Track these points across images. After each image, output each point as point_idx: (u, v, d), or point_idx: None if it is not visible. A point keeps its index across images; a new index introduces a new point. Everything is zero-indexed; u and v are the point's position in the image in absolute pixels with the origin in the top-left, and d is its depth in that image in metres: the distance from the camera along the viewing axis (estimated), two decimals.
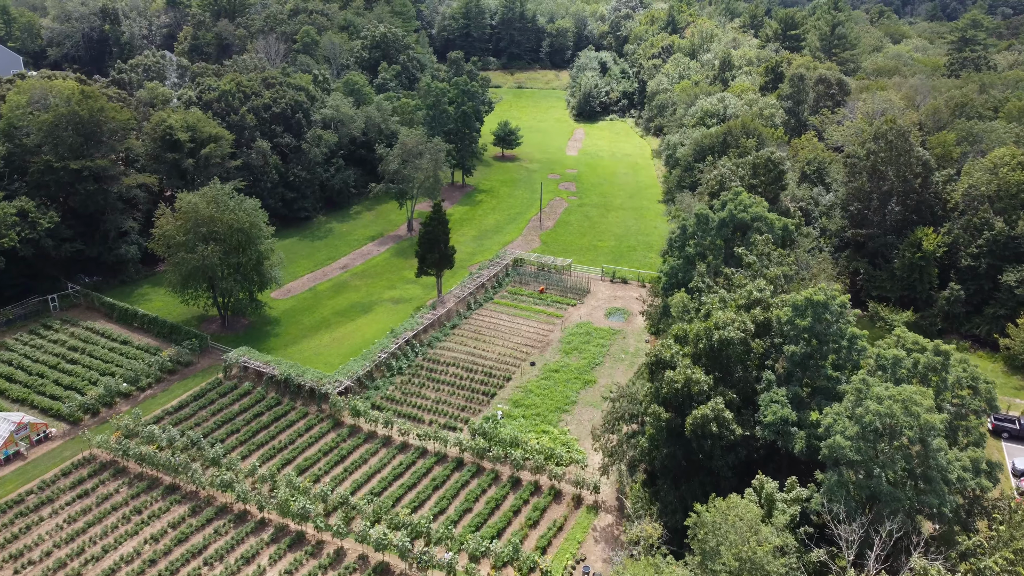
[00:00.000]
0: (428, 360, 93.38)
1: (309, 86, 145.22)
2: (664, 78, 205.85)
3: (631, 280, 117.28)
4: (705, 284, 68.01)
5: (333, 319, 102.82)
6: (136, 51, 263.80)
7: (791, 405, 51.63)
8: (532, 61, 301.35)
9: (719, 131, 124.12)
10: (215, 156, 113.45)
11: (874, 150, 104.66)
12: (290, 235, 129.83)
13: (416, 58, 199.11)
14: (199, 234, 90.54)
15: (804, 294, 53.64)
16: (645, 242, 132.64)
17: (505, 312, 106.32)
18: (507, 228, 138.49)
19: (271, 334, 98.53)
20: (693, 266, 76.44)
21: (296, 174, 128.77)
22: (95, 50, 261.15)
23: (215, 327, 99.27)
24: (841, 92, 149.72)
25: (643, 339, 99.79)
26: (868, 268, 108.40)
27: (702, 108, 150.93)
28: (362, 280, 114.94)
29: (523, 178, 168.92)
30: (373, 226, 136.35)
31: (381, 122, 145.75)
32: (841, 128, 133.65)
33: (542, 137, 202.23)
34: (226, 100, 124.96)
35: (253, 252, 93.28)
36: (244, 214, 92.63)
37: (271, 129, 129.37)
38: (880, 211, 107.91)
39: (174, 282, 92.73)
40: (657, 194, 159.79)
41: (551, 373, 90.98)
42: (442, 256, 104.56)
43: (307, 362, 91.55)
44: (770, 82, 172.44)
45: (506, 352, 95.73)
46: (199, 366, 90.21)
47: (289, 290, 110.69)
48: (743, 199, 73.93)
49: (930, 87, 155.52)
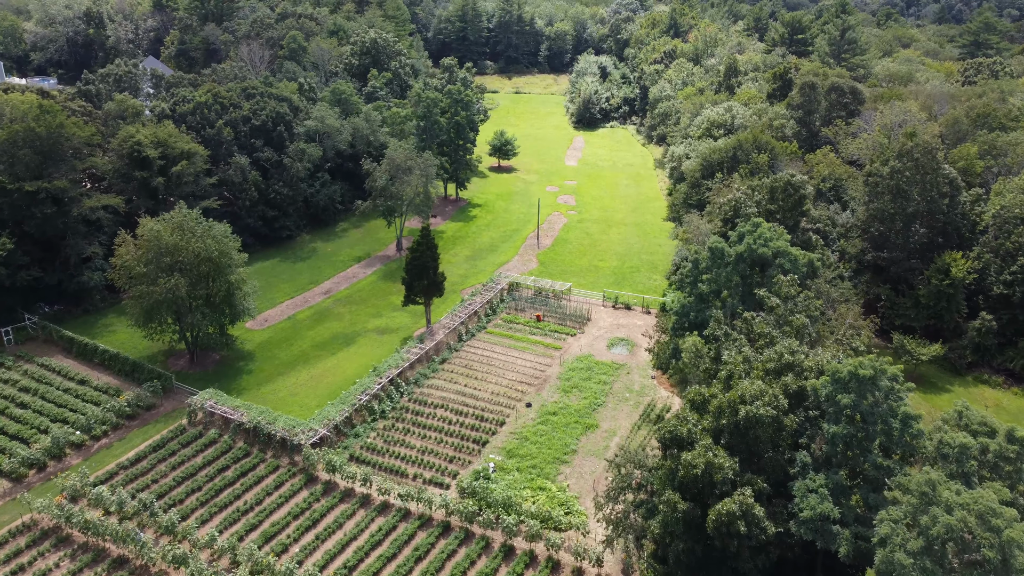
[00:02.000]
0: (414, 401, 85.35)
1: (294, 95, 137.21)
2: (667, 84, 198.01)
3: (635, 306, 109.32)
4: (722, 331, 60.10)
5: (312, 353, 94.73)
6: (122, 55, 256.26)
7: (832, 496, 43.70)
8: (530, 65, 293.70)
9: (728, 145, 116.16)
10: (187, 174, 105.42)
11: (898, 169, 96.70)
12: (271, 256, 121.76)
13: (410, 63, 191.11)
14: (162, 264, 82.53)
15: (848, 366, 45.65)
16: (649, 262, 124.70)
17: (499, 344, 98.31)
18: (502, 247, 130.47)
19: (244, 371, 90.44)
20: (706, 305, 68.52)
21: (277, 191, 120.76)
22: (80, 54, 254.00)
23: (183, 363, 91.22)
24: (855, 101, 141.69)
25: (648, 374, 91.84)
26: (890, 294, 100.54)
27: (708, 118, 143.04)
28: (346, 307, 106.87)
29: (520, 191, 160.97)
30: (360, 245, 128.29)
31: (369, 133, 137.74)
32: (857, 141, 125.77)
33: (540, 146, 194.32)
34: (201, 112, 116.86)
35: (222, 283, 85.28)
36: (212, 241, 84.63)
37: (251, 143, 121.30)
38: (903, 233, 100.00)
39: (136, 316, 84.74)
40: (661, 207, 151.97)
41: (549, 416, 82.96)
42: (431, 283, 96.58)
43: (282, 404, 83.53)
44: (778, 89, 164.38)
45: (500, 391, 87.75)
46: (162, 409, 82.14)
47: (266, 319, 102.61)
48: (763, 231, 65.98)
49: (948, 95, 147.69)
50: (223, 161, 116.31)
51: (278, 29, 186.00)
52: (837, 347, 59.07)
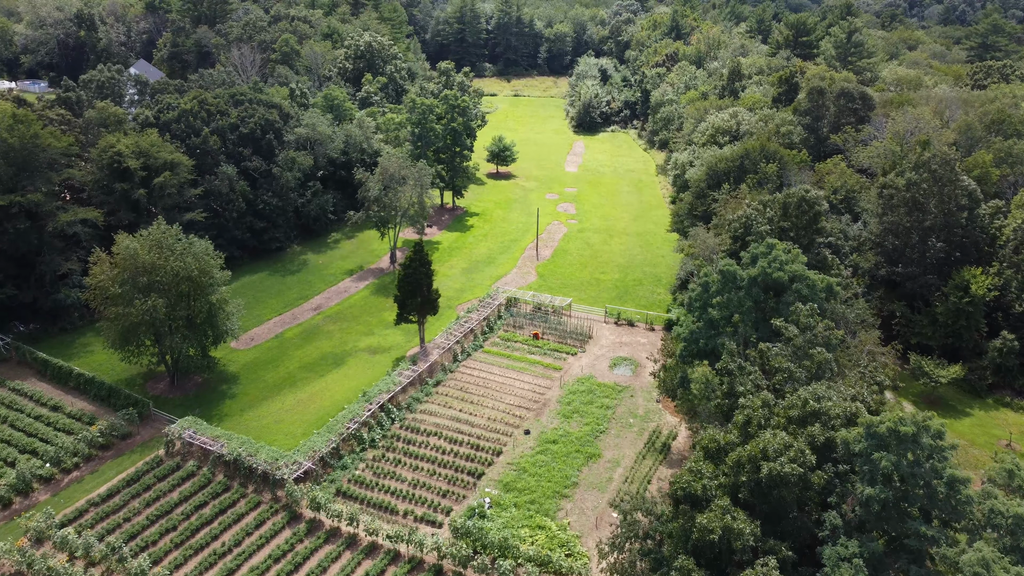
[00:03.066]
0: (406, 428, 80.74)
1: (284, 101, 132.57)
2: (669, 88, 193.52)
3: (638, 322, 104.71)
4: (735, 364, 55.53)
5: (300, 375, 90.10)
6: (114, 58, 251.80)
7: (867, 568, 39.13)
8: (529, 67, 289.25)
9: (735, 153, 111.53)
10: (171, 185, 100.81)
11: (915, 181, 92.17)
12: (259, 269, 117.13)
13: (406, 67, 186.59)
14: (138, 284, 77.93)
15: (887, 421, 41.03)
16: (652, 274, 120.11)
17: (496, 364, 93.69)
18: (500, 258, 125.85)
19: (227, 395, 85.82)
20: (716, 331, 63.97)
21: (266, 201, 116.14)
22: (71, 57, 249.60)
23: (163, 386, 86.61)
24: (865, 107, 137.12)
25: (653, 397, 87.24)
26: (905, 311, 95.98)
27: (713, 124, 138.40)
28: (336, 324, 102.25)
29: (519, 198, 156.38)
30: (352, 257, 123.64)
31: (363, 140, 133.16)
32: (868, 148, 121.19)
33: (539, 151, 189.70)
34: (187, 120, 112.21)
35: (203, 303, 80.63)
36: (192, 259, 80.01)
37: (238, 152, 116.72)
38: (920, 248, 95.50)
39: (111, 339, 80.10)
40: (663, 215, 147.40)
41: (548, 445, 78.34)
42: (425, 301, 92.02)
43: (265, 432, 78.91)
44: (784, 94, 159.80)
45: (496, 416, 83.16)
46: (138, 438, 77.51)
47: (252, 338, 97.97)
48: (778, 254, 61.40)
49: (960, 100, 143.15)
50: (209, 171, 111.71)
51: (271, 32, 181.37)
52: (861, 382, 54.64)
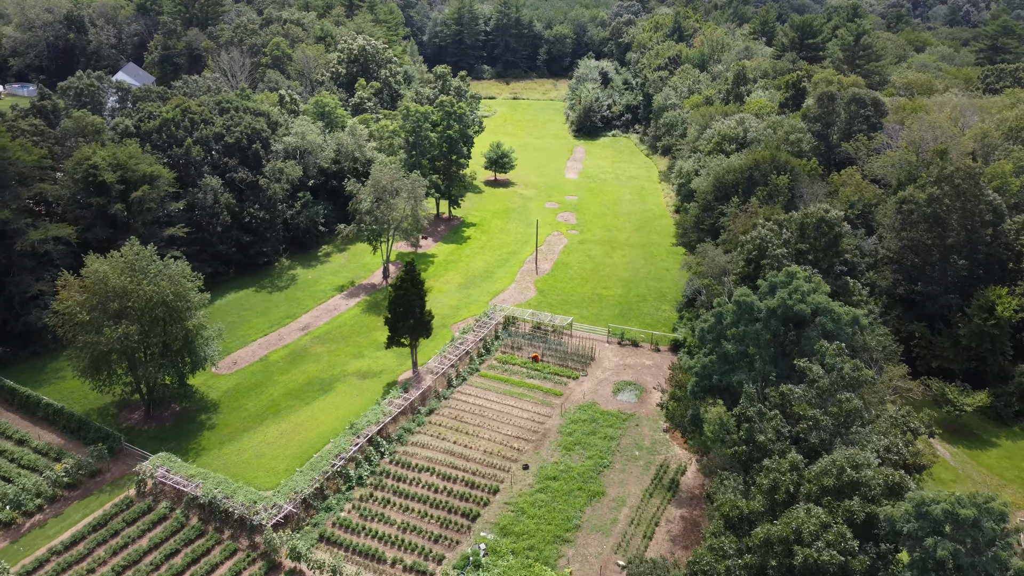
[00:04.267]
0: (396, 463, 75.49)
1: (273, 109, 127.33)
2: (672, 92, 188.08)
3: (643, 342, 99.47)
4: (755, 409, 50.31)
5: (284, 403, 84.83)
6: (104, 61, 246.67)
7: None
8: (529, 69, 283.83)
9: (744, 164, 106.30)
10: (150, 199, 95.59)
11: (937, 195, 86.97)
12: (245, 285, 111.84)
13: (401, 71, 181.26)
14: (109, 310, 72.67)
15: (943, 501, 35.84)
16: (656, 289, 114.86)
17: (493, 390, 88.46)
18: (498, 272, 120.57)
19: (206, 425, 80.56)
20: (731, 366, 58.76)
21: (253, 214, 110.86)
22: (61, 59, 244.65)
23: (138, 416, 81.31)
24: (877, 113, 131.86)
25: (660, 426, 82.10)
26: (925, 332, 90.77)
27: (719, 132, 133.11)
28: (324, 346, 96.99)
29: (517, 207, 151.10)
30: (343, 272, 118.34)
31: (355, 149, 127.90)
32: (882, 158, 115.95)
33: (539, 157, 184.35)
34: (168, 130, 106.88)
35: (179, 330, 75.36)
36: (167, 283, 74.76)
37: (223, 162, 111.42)
38: (941, 266, 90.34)
39: (80, 367, 74.86)
40: (667, 225, 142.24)
41: (548, 481, 73.11)
42: (417, 323, 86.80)
43: (245, 469, 73.67)
44: (791, 99, 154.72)
45: (493, 449, 77.95)
46: (109, 476, 72.27)
47: (235, 361, 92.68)
48: (799, 284, 56.16)
49: (976, 107, 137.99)
50: (193, 183, 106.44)
51: (262, 35, 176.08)
52: (894, 429, 49.54)
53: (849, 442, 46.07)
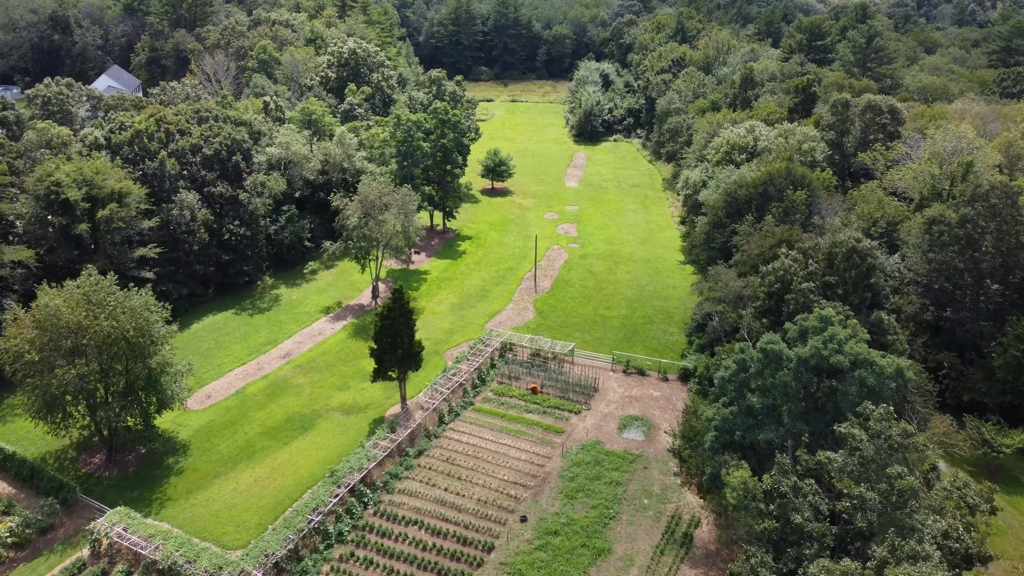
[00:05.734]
0: (381, 515, 68.49)
1: (257, 117, 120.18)
2: (675, 95, 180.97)
3: (649, 371, 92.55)
4: (790, 484, 43.39)
5: (260, 444, 77.79)
6: (90, 63, 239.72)
7: None
8: (527, 71, 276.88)
9: (757, 178, 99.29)
10: (118, 218, 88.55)
11: (971, 216, 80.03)
12: (225, 306, 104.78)
13: (395, 74, 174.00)
14: (62, 349, 65.67)
15: None
16: (663, 310, 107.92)
17: (488, 427, 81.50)
18: (495, 291, 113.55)
19: (173, 470, 73.53)
20: (756, 421, 51.83)
21: (233, 230, 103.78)
22: (46, 61, 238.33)
23: (98, 460, 74.28)
24: (894, 121, 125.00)
25: (670, 469, 75.18)
26: (956, 362, 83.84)
27: (728, 140, 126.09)
28: (307, 376, 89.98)
29: (515, 218, 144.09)
30: (330, 292, 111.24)
31: (344, 160, 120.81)
32: (903, 170, 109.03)
33: (538, 163, 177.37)
34: (140, 142, 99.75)
35: (140, 368, 68.37)
36: (128, 316, 67.69)
37: (201, 176, 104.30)
38: (973, 291, 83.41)
39: (31, 409, 67.90)
40: (673, 237, 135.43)
41: (549, 537, 66.15)
42: (406, 355, 79.82)
43: (213, 523, 66.67)
44: (801, 104, 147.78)
45: (488, 497, 71.00)
46: (62, 532, 65.28)
47: (209, 395, 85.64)
48: (835, 331, 49.21)
49: (998, 114, 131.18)
50: (167, 199, 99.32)
51: (249, 37, 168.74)
52: (948, 503, 42.64)
53: (901, 526, 39.29)
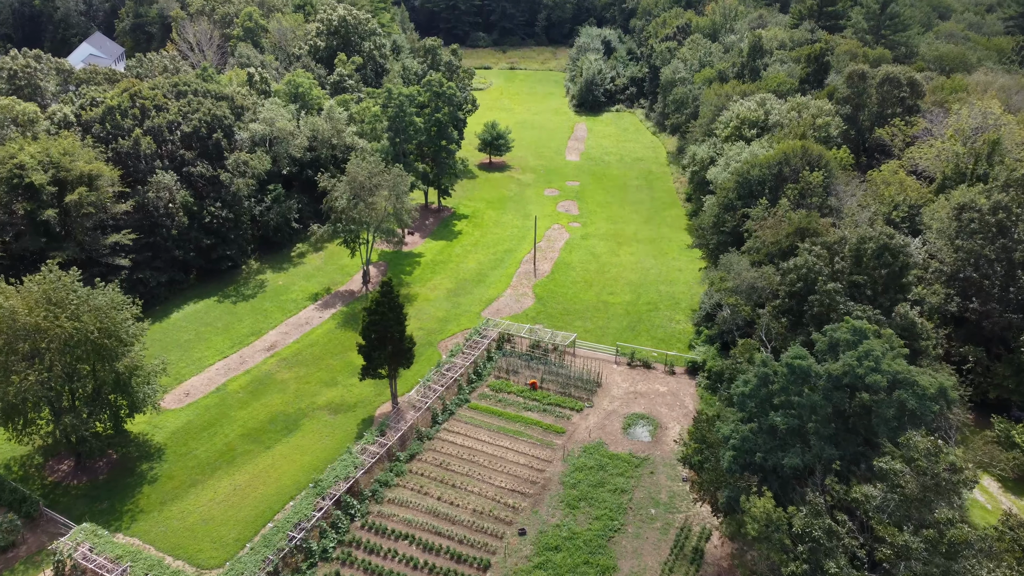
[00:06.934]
0: (369, 528, 63.78)
1: (240, 90, 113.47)
2: (681, 64, 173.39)
3: (655, 363, 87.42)
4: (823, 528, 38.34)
5: (241, 447, 72.81)
6: (73, 29, 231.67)
7: None
8: (527, 36, 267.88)
9: (771, 158, 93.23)
10: (88, 203, 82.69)
11: (1004, 203, 74.25)
12: (208, 293, 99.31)
13: (388, 42, 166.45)
14: (19, 353, 60.31)
15: None
16: (669, 295, 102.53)
17: (485, 427, 76.57)
18: (492, 275, 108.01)
19: (146, 478, 68.64)
20: (780, 443, 46.72)
21: (214, 213, 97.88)
22: (28, 28, 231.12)
23: (67, 467, 69.34)
24: (913, 94, 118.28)
25: (679, 474, 70.45)
26: (982, 357, 78.66)
27: (738, 114, 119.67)
28: (292, 370, 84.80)
29: (514, 195, 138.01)
30: (318, 276, 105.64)
31: (332, 135, 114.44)
32: (925, 149, 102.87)
33: (537, 136, 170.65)
34: (113, 119, 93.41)
35: (107, 372, 63.15)
36: (91, 317, 62.25)
37: (179, 155, 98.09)
38: (1004, 281, 77.94)
39: None
40: (679, 215, 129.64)
41: (549, 554, 61.51)
42: (396, 351, 74.52)
43: (188, 539, 61.95)
44: (812, 74, 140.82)
45: (485, 507, 66.25)
46: (24, 550, 60.52)
47: (188, 392, 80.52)
48: (871, 346, 43.83)
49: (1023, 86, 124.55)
50: (143, 180, 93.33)
51: (235, 3, 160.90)
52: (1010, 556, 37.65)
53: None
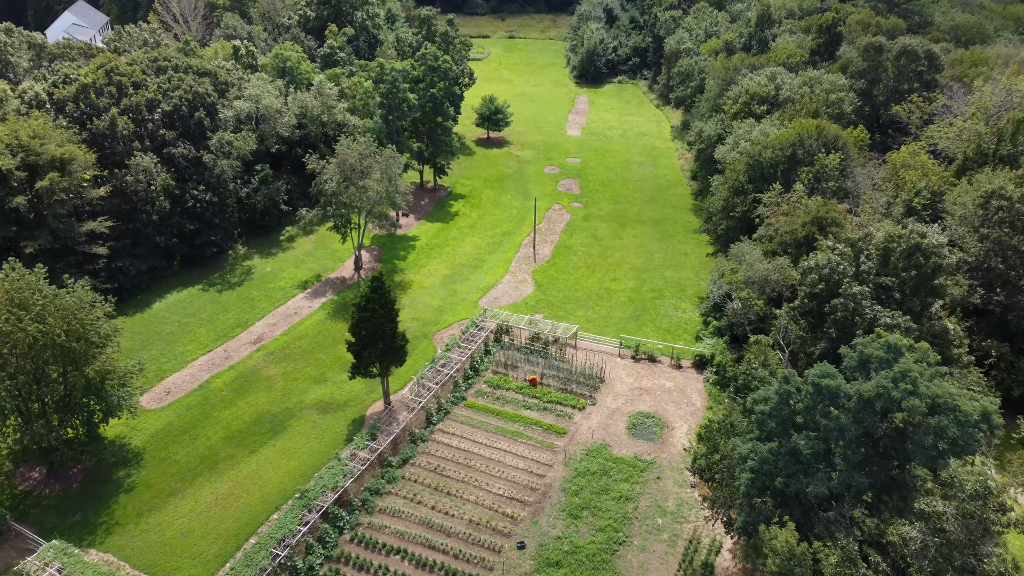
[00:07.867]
0: (358, 542, 60.06)
1: (226, 64, 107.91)
2: (686, 34, 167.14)
3: (661, 356, 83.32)
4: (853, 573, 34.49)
5: (224, 451, 68.85)
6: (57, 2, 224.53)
7: None
8: (526, 3, 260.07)
9: (785, 138, 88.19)
10: (60, 189, 77.88)
11: None
12: (192, 281, 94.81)
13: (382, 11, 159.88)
14: None
15: None
16: (675, 281, 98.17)
17: (482, 427, 72.62)
18: (490, 260, 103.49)
19: (123, 486, 64.75)
20: (803, 467, 42.66)
21: (197, 196, 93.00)
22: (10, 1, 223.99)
23: (39, 476, 65.41)
24: (931, 68, 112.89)
25: (686, 480, 66.72)
26: (1007, 354, 74.49)
27: (747, 89, 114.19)
28: (279, 366, 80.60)
29: (513, 173, 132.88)
30: (308, 262, 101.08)
31: (323, 112, 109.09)
32: (944, 128, 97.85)
33: (537, 109, 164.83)
34: (87, 97, 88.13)
35: (77, 377, 58.94)
36: (57, 319, 57.85)
37: (159, 136, 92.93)
38: None
39: None
40: (684, 194, 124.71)
41: (550, 569, 57.87)
42: (387, 349, 70.31)
43: (166, 555, 58.22)
44: (823, 46, 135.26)
45: (482, 517, 62.50)
46: None
47: (168, 390, 76.39)
48: (907, 365, 39.54)
49: None
50: (120, 163, 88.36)
51: None
52: None
53: None
